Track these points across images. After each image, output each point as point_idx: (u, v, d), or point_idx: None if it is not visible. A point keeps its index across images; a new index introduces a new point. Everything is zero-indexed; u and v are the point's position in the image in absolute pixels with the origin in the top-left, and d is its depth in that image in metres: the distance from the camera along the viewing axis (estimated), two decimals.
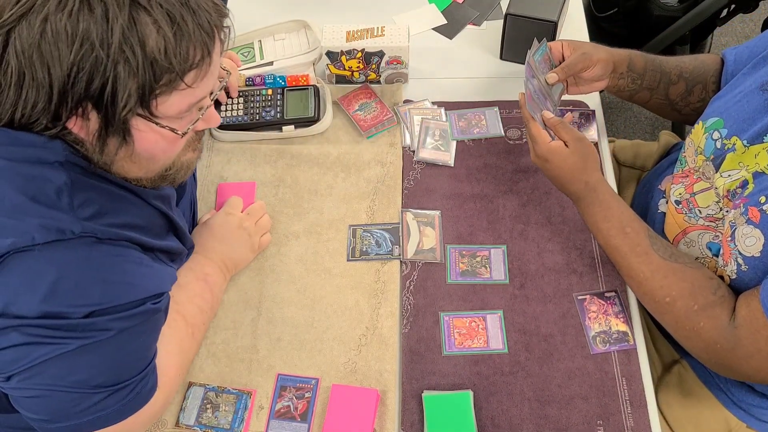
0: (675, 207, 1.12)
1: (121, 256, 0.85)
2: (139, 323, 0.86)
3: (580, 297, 1.12)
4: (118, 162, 0.84)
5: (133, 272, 0.86)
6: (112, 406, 0.86)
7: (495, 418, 1.02)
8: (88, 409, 0.85)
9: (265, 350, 1.09)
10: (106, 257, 0.83)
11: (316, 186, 1.26)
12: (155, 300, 0.89)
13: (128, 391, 0.87)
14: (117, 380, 0.86)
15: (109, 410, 0.86)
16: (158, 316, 0.91)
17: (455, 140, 1.30)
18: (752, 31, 2.59)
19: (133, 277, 0.86)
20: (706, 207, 1.06)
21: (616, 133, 2.33)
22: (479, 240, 1.19)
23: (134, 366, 0.88)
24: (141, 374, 0.89)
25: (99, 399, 0.85)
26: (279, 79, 1.33)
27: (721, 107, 1.07)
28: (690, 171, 1.11)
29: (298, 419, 1.02)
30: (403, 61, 1.35)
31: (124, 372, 0.87)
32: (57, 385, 0.83)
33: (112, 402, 0.86)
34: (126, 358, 0.87)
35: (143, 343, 0.89)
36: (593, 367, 1.05)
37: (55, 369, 0.82)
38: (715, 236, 1.05)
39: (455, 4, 1.53)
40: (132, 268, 0.86)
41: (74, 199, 0.80)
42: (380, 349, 1.08)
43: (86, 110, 0.76)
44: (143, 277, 0.87)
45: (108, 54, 0.72)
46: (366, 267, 1.16)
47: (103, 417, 0.87)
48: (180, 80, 0.77)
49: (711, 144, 1.06)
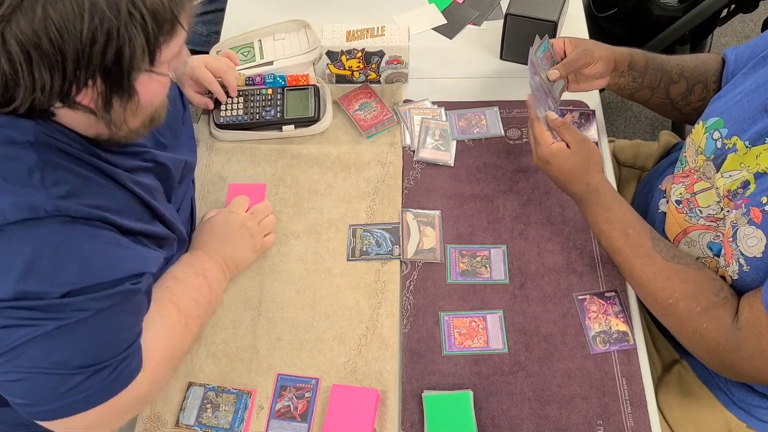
0: (675, 207, 1.12)
1: (96, 236, 0.84)
2: (117, 303, 0.86)
3: (580, 297, 1.12)
4: (128, 120, 0.84)
5: (109, 252, 0.85)
6: (94, 387, 0.86)
7: (495, 418, 1.02)
8: (69, 391, 0.84)
9: (265, 350, 1.09)
10: (81, 236, 0.83)
11: (316, 186, 1.26)
12: (134, 281, 0.88)
13: (109, 372, 0.86)
14: (97, 360, 0.85)
15: (90, 391, 0.86)
16: (138, 298, 0.90)
17: (455, 140, 1.30)
18: (752, 31, 2.59)
19: (109, 256, 0.85)
20: (707, 207, 1.06)
21: (616, 133, 2.33)
22: (479, 240, 1.19)
23: (114, 346, 0.87)
24: (122, 354, 0.88)
25: (80, 380, 0.84)
26: (279, 78, 1.33)
27: (722, 107, 1.07)
28: (690, 171, 1.11)
29: (298, 419, 1.02)
30: (403, 61, 1.35)
31: (105, 352, 0.86)
32: (37, 367, 0.82)
33: (93, 383, 0.85)
34: (105, 338, 0.86)
35: (123, 323, 0.88)
36: (593, 367, 1.05)
37: (34, 351, 0.81)
38: (716, 236, 1.05)
39: (455, 4, 1.53)
40: (108, 247, 0.86)
41: (46, 178, 0.80)
42: (380, 349, 1.08)
43: (96, 80, 0.77)
44: (121, 258, 0.87)
45: (119, 19, 0.73)
46: (366, 267, 1.16)
47: (86, 398, 0.86)
48: (179, 25, 0.79)
49: (711, 144, 1.06)
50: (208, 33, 1.81)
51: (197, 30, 1.80)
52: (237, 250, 1.12)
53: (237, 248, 1.12)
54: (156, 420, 1.03)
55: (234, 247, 1.12)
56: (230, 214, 1.15)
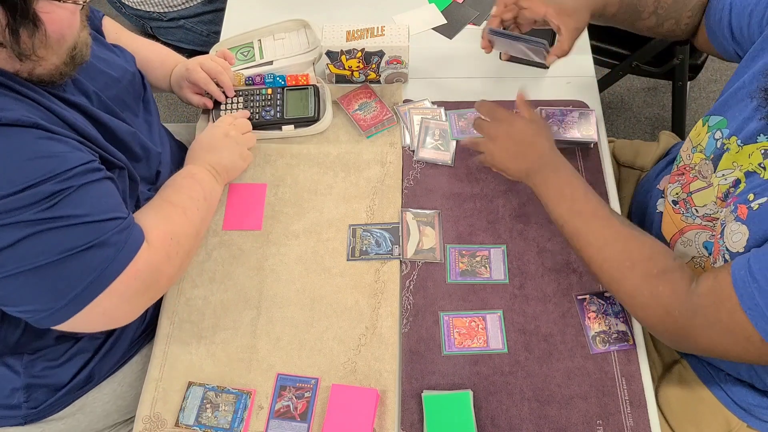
0: (672, 207, 1.12)
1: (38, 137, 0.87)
2: (83, 184, 0.89)
3: (580, 297, 1.12)
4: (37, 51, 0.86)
5: (50, 147, 0.88)
6: (103, 263, 0.89)
7: (495, 418, 1.02)
8: (81, 275, 0.88)
9: (265, 350, 1.09)
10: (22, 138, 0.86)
11: (316, 186, 1.26)
12: (85, 165, 0.91)
13: (113, 242, 0.90)
14: (96, 235, 0.89)
15: (100, 268, 0.89)
16: (104, 182, 0.94)
17: (455, 140, 1.30)
18: None
19: (53, 150, 0.88)
20: (703, 206, 1.06)
21: (616, 133, 2.33)
22: (479, 240, 1.19)
23: (105, 220, 0.91)
24: (119, 226, 0.91)
25: (87, 260, 0.88)
26: (279, 78, 1.33)
27: (725, 106, 1.06)
28: (685, 168, 1.11)
29: (297, 419, 1.02)
30: (403, 61, 1.35)
31: (99, 227, 0.90)
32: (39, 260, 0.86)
33: (100, 259, 0.89)
34: (92, 210, 0.90)
35: (102, 200, 0.92)
36: (593, 367, 1.05)
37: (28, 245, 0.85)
38: (711, 236, 1.05)
39: (455, 4, 1.53)
40: (49, 144, 0.88)
41: None
42: (380, 349, 1.08)
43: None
44: (64, 151, 0.90)
45: None
46: (366, 267, 1.16)
47: (101, 276, 0.89)
48: None
49: (712, 143, 1.06)
50: (208, 33, 1.81)
51: (197, 30, 1.81)
52: (224, 156, 1.19)
53: (224, 155, 1.19)
54: (156, 420, 1.03)
55: (221, 154, 1.18)
56: (214, 128, 1.22)
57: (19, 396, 1.08)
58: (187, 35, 1.82)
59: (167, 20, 1.78)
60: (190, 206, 1.08)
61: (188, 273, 1.16)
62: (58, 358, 1.10)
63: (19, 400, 1.08)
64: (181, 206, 1.06)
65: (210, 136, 1.21)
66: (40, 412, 1.10)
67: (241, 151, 1.21)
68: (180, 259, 1.03)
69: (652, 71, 1.93)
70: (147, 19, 1.80)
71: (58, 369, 1.10)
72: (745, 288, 0.84)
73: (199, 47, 1.83)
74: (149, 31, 1.84)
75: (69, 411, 1.13)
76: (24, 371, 1.08)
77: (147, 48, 1.32)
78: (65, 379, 1.10)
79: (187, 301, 1.14)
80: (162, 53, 1.34)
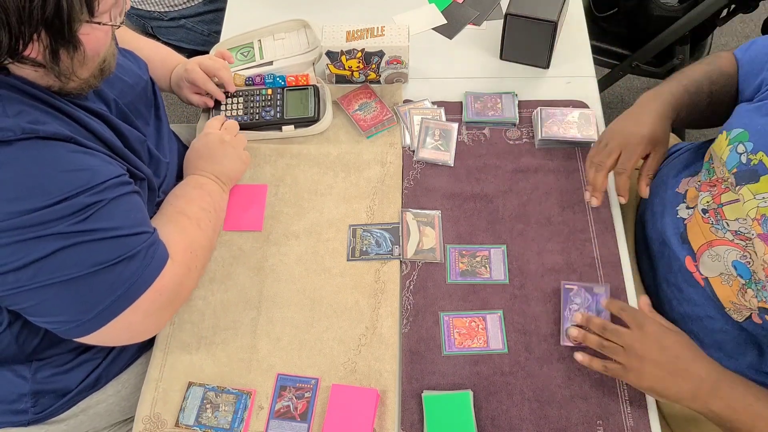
0: (702, 216, 1.08)
1: (69, 149, 0.89)
2: (115, 197, 0.91)
3: (568, 286, 1.11)
4: (76, 71, 0.89)
5: (84, 161, 0.90)
6: (132, 277, 0.91)
7: (495, 418, 1.02)
8: (110, 287, 0.89)
9: (265, 350, 1.09)
10: (54, 151, 0.87)
11: (316, 186, 1.26)
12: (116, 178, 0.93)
13: (141, 257, 0.92)
14: (126, 250, 0.91)
15: (130, 282, 0.90)
16: (133, 196, 0.96)
17: (469, 121, 1.32)
18: (752, 31, 2.59)
19: (87, 164, 0.90)
20: (734, 220, 1.02)
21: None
22: (479, 240, 1.18)
23: (135, 234, 0.93)
24: (147, 241, 0.93)
25: (118, 272, 0.89)
26: (279, 78, 1.33)
27: (746, 118, 1.03)
28: (717, 180, 1.07)
29: (297, 419, 1.02)
30: (403, 61, 1.35)
31: (130, 242, 0.92)
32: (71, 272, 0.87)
33: (129, 273, 0.90)
34: (123, 224, 0.91)
35: (131, 214, 0.93)
36: None
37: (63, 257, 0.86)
38: (743, 256, 1.00)
39: (455, 4, 1.53)
40: (84, 157, 0.90)
41: (8, 108, 0.85)
42: (380, 349, 1.08)
43: (40, 34, 0.81)
44: (97, 164, 0.91)
45: None
46: (366, 267, 1.16)
47: (129, 290, 0.91)
48: None
49: (735, 158, 1.02)
50: (209, 32, 1.81)
51: (197, 29, 1.81)
52: (225, 163, 1.19)
53: (224, 162, 1.19)
54: (156, 420, 1.03)
55: (222, 162, 1.18)
56: (207, 135, 1.21)
57: (26, 401, 1.08)
58: (188, 35, 1.82)
59: (168, 20, 1.78)
60: (203, 218, 1.09)
61: None
62: (66, 363, 1.09)
63: (26, 405, 1.08)
64: (195, 218, 1.07)
65: (206, 145, 1.19)
66: (44, 415, 1.10)
67: (239, 155, 1.21)
68: (198, 271, 1.06)
69: (652, 71, 1.94)
70: (148, 19, 1.80)
71: (66, 375, 1.09)
72: None
73: (200, 47, 1.83)
74: (150, 31, 1.84)
75: (72, 412, 1.13)
76: (32, 377, 1.07)
77: (148, 47, 1.31)
78: (73, 384, 1.10)
79: (187, 301, 1.14)
80: (162, 53, 1.34)
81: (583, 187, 1.23)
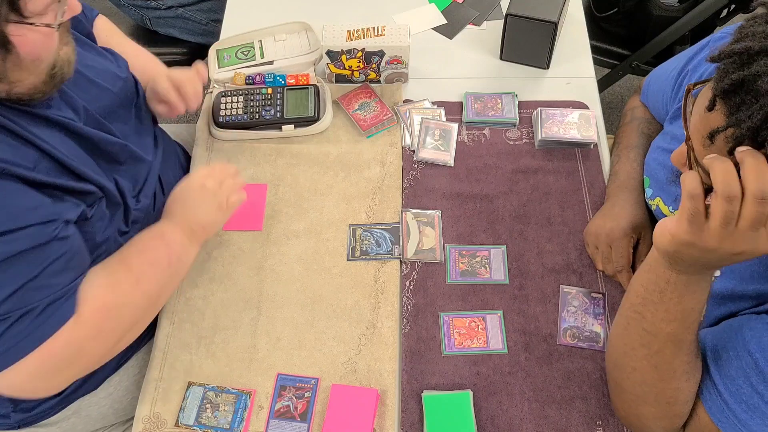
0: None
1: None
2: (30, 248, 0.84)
3: (566, 290, 1.12)
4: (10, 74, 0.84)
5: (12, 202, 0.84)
6: (23, 332, 0.85)
7: (495, 418, 1.02)
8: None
9: (265, 350, 1.09)
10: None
11: (316, 185, 1.26)
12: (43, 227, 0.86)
13: (36, 314, 0.85)
14: (22, 304, 0.84)
15: (20, 337, 0.85)
16: (58, 244, 0.88)
17: (469, 122, 1.32)
18: None
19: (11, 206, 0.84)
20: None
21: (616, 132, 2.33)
22: (479, 240, 1.19)
23: (41, 290, 0.86)
24: (49, 297, 0.87)
25: (7, 326, 0.84)
26: (279, 78, 1.33)
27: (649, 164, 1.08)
28: None
29: (297, 419, 1.02)
30: (403, 61, 1.35)
31: (28, 297, 0.85)
32: None
33: (20, 327, 0.84)
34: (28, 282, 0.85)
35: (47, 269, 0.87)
36: (593, 368, 1.05)
37: None
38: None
39: (455, 4, 1.53)
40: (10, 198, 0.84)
41: None
42: (380, 349, 1.08)
43: None
44: (25, 207, 0.85)
45: None
46: (366, 267, 1.16)
47: (17, 346, 0.85)
48: None
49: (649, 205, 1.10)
50: (207, 21, 1.79)
51: (195, 18, 1.79)
52: (200, 211, 1.08)
53: (199, 210, 1.08)
54: (155, 420, 1.03)
55: (196, 209, 1.08)
56: (188, 179, 1.11)
57: (6, 406, 1.06)
58: (186, 24, 1.80)
59: (165, 8, 1.77)
60: (148, 273, 1.00)
61: (188, 273, 1.15)
62: None
63: (7, 410, 1.07)
64: (136, 273, 0.98)
65: (184, 189, 1.10)
66: (32, 418, 1.09)
67: (218, 204, 1.09)
68: (117, 334, 0.97)
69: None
70: (145, 9, 1.78)
71: None
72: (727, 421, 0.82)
73: (200, 37, 1.82)
74: (148, 24, 1.83)
75: (64, 415, 1.13)
76: None
77: (132, 54, 1.26)
78: None
79: (187, 301, 1.14)
80: (144, 61, 1.28)
81: (583, 188, 1.23)
